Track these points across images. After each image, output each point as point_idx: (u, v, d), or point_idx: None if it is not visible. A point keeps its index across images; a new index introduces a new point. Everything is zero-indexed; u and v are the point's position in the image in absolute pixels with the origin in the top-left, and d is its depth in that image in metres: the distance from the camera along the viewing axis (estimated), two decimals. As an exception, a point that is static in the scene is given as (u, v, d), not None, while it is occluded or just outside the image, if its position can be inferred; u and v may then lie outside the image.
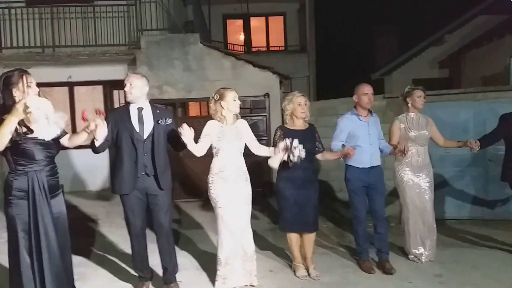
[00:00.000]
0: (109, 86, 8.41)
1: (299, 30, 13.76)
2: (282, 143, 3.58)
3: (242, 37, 14.21)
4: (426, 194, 4.29)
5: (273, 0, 13.26)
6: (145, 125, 3.51)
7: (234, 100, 3.64)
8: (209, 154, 3.69)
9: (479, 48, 10.20)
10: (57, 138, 2.95)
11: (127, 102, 3.60)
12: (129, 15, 8.09)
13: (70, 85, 8.37)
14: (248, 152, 3.82)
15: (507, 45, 9.16)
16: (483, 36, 10.19)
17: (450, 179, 5.86)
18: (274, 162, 3.65)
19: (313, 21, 13.87)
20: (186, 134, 3.27)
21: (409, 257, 4.31)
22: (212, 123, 3.66)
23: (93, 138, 3.01)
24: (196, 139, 3.46)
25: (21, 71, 2.85)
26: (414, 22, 15.07)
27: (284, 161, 3.63)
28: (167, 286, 3.69)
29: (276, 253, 4.64)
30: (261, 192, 6.16)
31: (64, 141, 3.05)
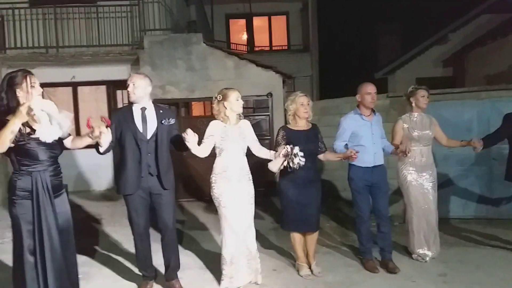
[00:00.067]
0: (113, 86, 8.44)
1: (302, 30, 13.75)
2: (283, 150, 3.59)
3: (245, 36, 14.22)
4: (430, 194, 4.28)
5: (276, -1, 13.29)
6: (148, 125, 3.53)
7: (237, 100, 3.65)
8: (213, 154, 3.69)
9: (483, 47, 10.14)
10: (61, 138, 2.97)
11: (130, 102, 3.61)
12: (132, 15, 8.11)
13: (74, 85, 8.41)
14: (251, 152, 3.83)
15: (511, 44, 9.12)
16: (486, 35, 10.13)
17: (454, 178, 5.83)
18: (274, 167, 3.71)
19: (316, 20, 13.86)
20: (190, 139, 3.28)
21: (413, 257, 4.30)
22: (215, 123, 3.67)
23: (97, 143, 3.04)
24: (199, 139, 3.46)
25: (25, 72, 2.86)
26: (417, 21, 15.01)
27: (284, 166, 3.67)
28: (169, 282, 3.72)
29: (280, 252, 4.64)
30: (263, 192, 6.16)
31: (67, 143, 3.06)
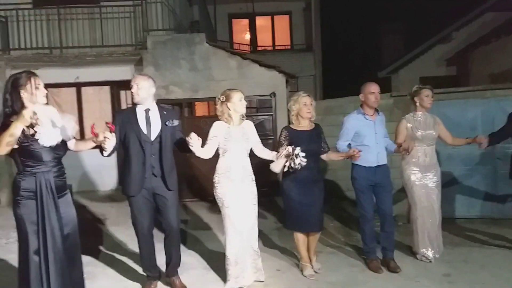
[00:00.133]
0: (116, 87, 8.45)
1: (305, 29, 13.73)
2: (285, 150, 3.60)
3: (248, 36, 14.21)
4: (434, 193, 4.27)
5: (278, -1, 13.28)
6: (152, 127, 3.54)
7: (240, 101, 3.66)
8: (217, 154, 3.70)
9: (487, 45, 10.09)
10: (64, 140, 2.98)
11: (134, 103, 3.62)
12: (135, 16, 8.13)
13: (78, 85, 8.43)
14: (254, 152, 3.84)
15: (516, 42, 9.08)
16: (490, 33, 10.09)
17: (459, 178, 5.81)
18: (276, 167, 3.71)
19: (319, 19, 13.83)
20: (194, 143, 3.29)
21: (417, 257, 4.29)
22: (219, 124, 3.67)
23: (101, 147, 3.06)
24: (203, 139, 3.46)
25: (29, 73, 2.87)
26: (420, 20, 14.97)
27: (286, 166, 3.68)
28: (169, 278, 3.77)
29: (283, 252, 4.64)
30: (267, 192, 6.15)
31: (71, 146, 3.08)
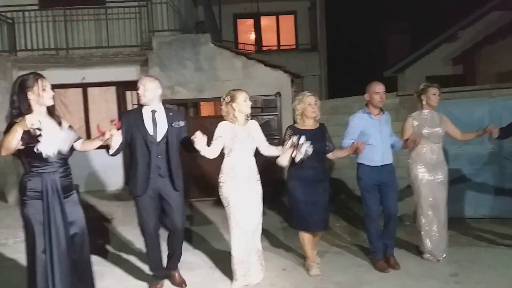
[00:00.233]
0: (122, 87, 8.48)
1: (310, 29, 13.72)
2: (289, 141, 3.64)
3: (252, 36, 14.22)
4: (440, 192, 4.25)
5: (283, -2, 13.29)
6: (158, 128, 3.57)
7: (245, 101, 3.68)
8: (223, 154, 3.71)
9: (493, 44, 10.03)
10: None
11: (140, 104, 3.64)
12: (140, 17, 8.14)
13: (84, 86, 8.47)
14: (259, 152, 3.84)
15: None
16: (496, 32, 10.02)
17: (466, 177, 5.76)
18: (283, 160, 3.74)
19: (324, 19, 13.82)
20: (200, 141, 3.31)
21: (424, 256, 4.27)
22: (224, 124, 3.69)
23: (107, 145, 3.08)
24: (208, 139, 3.48)
25: (36, 75, 2.89)
26: (425, 19, 14.90)
27: (293, 159, 3.70)
28: (170, 271, 3.81)
29: (289, 251, 4.64)
30: (272, 191, 6.16)
31: (77, 146, 3.10)
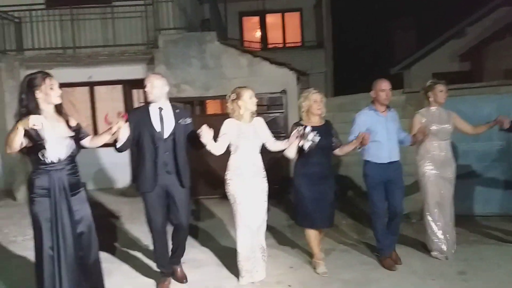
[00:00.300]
0: (129, 86, 8.53)
1: (315, 26, 13.65)
2: (295, 131, 3.67)
3: (258, 34, 14.19)
4: (448, 189, 4.23)
5: (289, -4, 13.23)
6: (165, 125, 3.59)
7: (251, 99, 3.69)
8: (229, 151, 3.72)
9: (501, 40, 9.94)
10: (78, 138, 3.03)
11: (146, 102, 3.67)
12: (146, 15, 8.16)
13: (91, 85, 8.52)
14: (266, 149, 3.86)
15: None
16: (504, 28, 9.93)
17: (474, 175, 5.72)
18: (290, 152, 3.77)
19: (330, 16, 13.76)
20: (206, 135, 3.32)
21: (432, 254, 4.25)
22: (230, 121, 3.70)
23: (115, 140, 3.11)
24: (214, 137, 3.50)
25: (44, 74, 2.92)
26: (432, 16, 14.81)
27: (300, 154, 3.75)
28: (172, 266, 3.84)
29: (296, 249, 4.64)
30: (278, 188, 6.16)
31: (86, 143, 3.13)
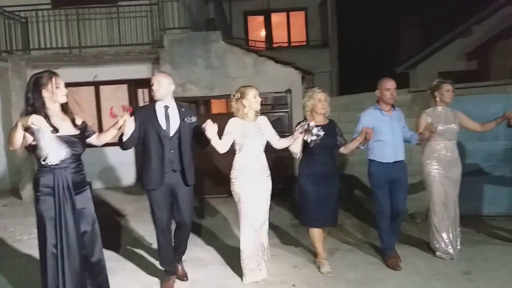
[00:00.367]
0: (134, 85, 8.57)
1: (320, 25, 13.62)
2: (299, 127, 3.68)
3: (263, 33, 14.19)
4: (453, 189, 4.21)
5: (294, -5, 13.22)
6: (171, 123, 3.62)
7: (255, 98, 3.70)
8: (234, 150, 3.74)
9: (507, 39, 9.86)
10: (84, 136, 3.04)
11: (152, 101, 3.70)
12: (152, 15, 8.20)
13: (96, 84, 8.58)
14: (271, 148, 3.87)
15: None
16: (511, 27, 9.85)
17: (480, 174, 5.67)
18: (295, 147, 3.75)
19: (335, 15, 13.72)
20: (210, 129, 3.34)
21: (437, 254, 4.23)
22: (235, 120, 3.72)
23: (121, 137, 3.13)
24: (219, 136, 3.52)
25: (51, 73, 2.94)
26: (438, 14, 14.72)
27: (304, 153, 3.76)
28: (173, 264, 3.85)
29: (300, 248, 4.64)
30: (283, 188, 6.16)
31: (92, 140, 3.15)
